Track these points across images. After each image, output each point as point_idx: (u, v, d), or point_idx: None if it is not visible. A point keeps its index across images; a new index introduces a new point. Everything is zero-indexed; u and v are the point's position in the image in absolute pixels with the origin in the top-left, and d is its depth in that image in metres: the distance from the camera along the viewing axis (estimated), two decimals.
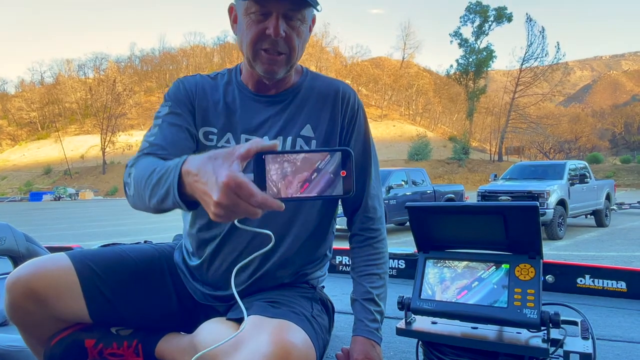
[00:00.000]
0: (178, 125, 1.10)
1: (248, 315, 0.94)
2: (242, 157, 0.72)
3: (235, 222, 0.80)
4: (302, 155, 0.74)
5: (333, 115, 1.16)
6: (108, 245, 1.22)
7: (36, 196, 49.16)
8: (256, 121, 1.15)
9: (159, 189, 0.84)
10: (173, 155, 0.98)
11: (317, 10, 1.10)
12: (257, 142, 0.73)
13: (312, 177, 0.74)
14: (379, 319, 1.14)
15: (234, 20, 1.13)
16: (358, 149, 1.19)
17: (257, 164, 0.74)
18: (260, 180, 0.73)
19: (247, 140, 1.06)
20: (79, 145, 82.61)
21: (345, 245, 2.17)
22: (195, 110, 1.15)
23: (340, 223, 1.42)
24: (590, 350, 0.96)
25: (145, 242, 1.31)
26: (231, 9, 1.13)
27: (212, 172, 0.72)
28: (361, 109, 1.22)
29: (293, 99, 1.17)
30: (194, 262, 1.18)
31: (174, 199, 0.80)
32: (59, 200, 46.42)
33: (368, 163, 1.21)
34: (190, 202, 0.80)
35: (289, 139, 1.13)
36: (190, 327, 1.09)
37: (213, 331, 0.95)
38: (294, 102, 1.17)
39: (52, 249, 2.07)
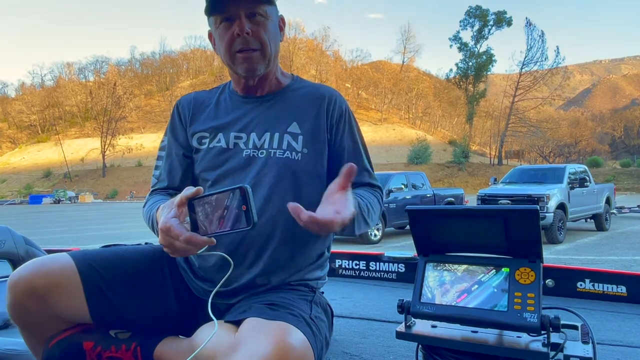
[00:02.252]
0: (172, 155, 1.29)
1: (247, 318, 0.95)
2: (178, 205, 0.90)
3: (197, 252, 0.92)
4: (215, 196, 0.88)
5: (319, 115, 1.23)
6: (109, 246, 1.23)
7: (36, 199, 49.17)
8: (244, 120, 1.23)
9: (155, 232, 1.06)
10: (170, 183, 1.27)
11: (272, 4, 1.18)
12: (187, 191, 0.90)
13: (224, 213, 0.87)
14: (361, 207, 1.11)
15: (213, 43, 1.25)
16: (349, 144, 1.26)
17: (190, 209, 0.90)
18: (194, 221, 0.90)
19: (235, 137, 1.20)
20: (79, 148, 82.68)
21: (344, 249, 2.17)
22: (189, 122, 1.28)
23: None
24: (591, 355, 0.96)
25: (146, 243, 1.31)
26: (210, 35, 1.25)
27: (159, 219, 0.93)
28: (348, 109, 1.30)
29: (280, 99, 1.25)
30: (196, 261, 1.20)
31: None
32: (58, 203, 46.43)
33: (360, 153, 1.28)
34: None
35: (277, 134, 1.20)
36: (189, 329, 1.09)
37: (211, 334, 0.95)
38: (280, 102, 1.25)
39: (52, 252, 2.06)
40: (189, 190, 0.90)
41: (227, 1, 1.12)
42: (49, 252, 2.02)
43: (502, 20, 60.08)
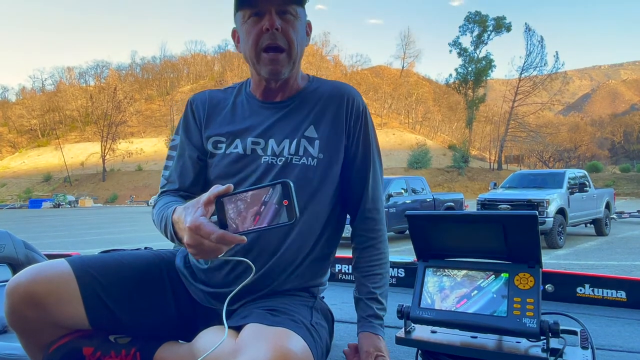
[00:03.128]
0: (185, 157, 1.24)
1: (248, 324, 0.95)
2: (205, 203, 0.86)
3: (219, 256, 0.90)
4: (250, 192, 0.85)
5: (338, 117, 1.19)
6: (108, 251, 1.22)
7: (36, 203, 49.14)
8: (263, 126, 1.19)
9: (167, 233, 1.03)
10: (182, 185, 1.22)
11: (303, 6, 1.15)
12: (215, 189, 0.86)
13: (261, 209, 0.84)
14: (382, 315, 1.18)
15: (237, 41, 1.20)
16: (360, 151, 1.22)
17: (218, 207, 0.87)
18: (222, 219, 0.86)
19: (253, 142, 1.16)
20: (79, 152, 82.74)
21: (343, 253, 2.17)
22: (204, 124, 1.23)
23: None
24: None
25: (145, 248, 1.31)
26: (234, 33, 1.21)
27: (183, 219, 0.90)
28: (366, 111, 1.25)
29: (299, 103, 1.21)
30: (202, 265, 1.18)
31: (178, 243, 0.99)
32: (58, 207, 46.37)
33: (369, 164, 1.24)
34: None
35: (295, 141, 1.16)
36: (189, 334, 1.09)
37: (211, 339, 0.95)
38: (299, 106, 1.20)
39: (51, 257, 2.06)
40: (218, 188, 0.86)
41: None
42: (49, 256, 2.02)
43: (501, 25, 60.32)
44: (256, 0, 1.09)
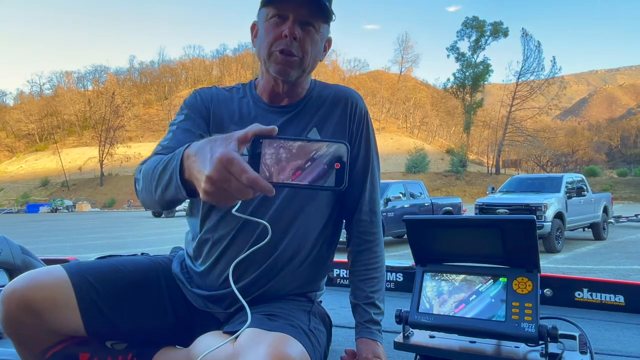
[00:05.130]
0: (191, 131, 1.15)
1: (245, 329, 0.94)
2: (240, 139, 0.73)
3: (232, 211, 0.82)
4: (298, 143, 0.73)
5: (341, 120, 1.21)
6: (104, 257, 1.22)
7: (33, 208, 48.95)
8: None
9: (164, 175, 0.86)
10: None
11: (332, 19, 1.17)
12: (256, 126, 0.74)
13: (306, 165, 0.72)
14: (379, 320, 1.18)
15: (254, 35, 1.21)
16: (362, 154, 1.23)
17: (253, 147, 0.74)
18: (255, 162, 0.73)
19: None
20: (77, 157, 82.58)
21: (341, 257, 2.16)
22: (211, 118, 1.21)
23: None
24: None
25: (142, 254, 1.30)
26: (253, 26, 1.22)
27: (209, 150, 0.73)
28: (368, 115, 1.27)
29: (304, 107, 1.22)
30: (199, 267, 1.18)
31: (176, 182, 0.82)
32: (56, 212, 46.22)
33: (369, 168, 1.25)
34: (191, 190, 0.81)
35: None
36: (186, 340, 1.09)
37: (209, 344, 0.95)
38: (304, 110, 1.22)
39: (49, 261, 2.05)
40: (258, 126, 0.74)
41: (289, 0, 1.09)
42: (46, 261, 2.01)
43: (498, 30, 60.58)
44: (285, 2, 1.09)
